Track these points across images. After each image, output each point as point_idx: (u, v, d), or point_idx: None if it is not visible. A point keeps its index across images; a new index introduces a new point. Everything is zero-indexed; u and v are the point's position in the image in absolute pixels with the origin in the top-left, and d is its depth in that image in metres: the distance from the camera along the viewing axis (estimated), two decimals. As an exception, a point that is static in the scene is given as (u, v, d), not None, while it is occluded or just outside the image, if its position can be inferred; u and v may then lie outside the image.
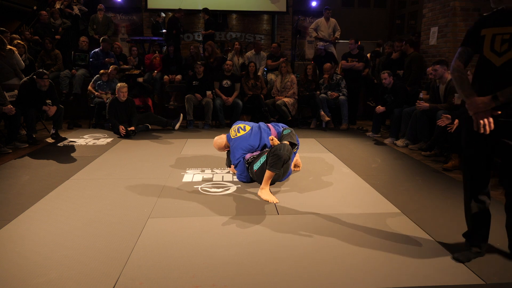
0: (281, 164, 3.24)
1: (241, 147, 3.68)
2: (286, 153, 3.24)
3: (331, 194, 3.39)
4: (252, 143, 3.68)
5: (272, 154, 3.28)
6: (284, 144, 3.30)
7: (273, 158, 3.24)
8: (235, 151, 3.72)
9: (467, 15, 6.12)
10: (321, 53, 7.54)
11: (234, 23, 11.31)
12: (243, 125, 3.84)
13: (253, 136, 3.71)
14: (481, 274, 2.12)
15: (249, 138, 3.69)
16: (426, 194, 3.44)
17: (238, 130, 3.78)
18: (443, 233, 2.62)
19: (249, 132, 3.74)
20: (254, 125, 3.85)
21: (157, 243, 2.43)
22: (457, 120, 4.07)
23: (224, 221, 2.78)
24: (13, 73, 5.63)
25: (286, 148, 3.26)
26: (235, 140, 3.74)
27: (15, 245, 2.39)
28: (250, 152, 3.67)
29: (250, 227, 2.70)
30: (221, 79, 6.80)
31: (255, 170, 3.49)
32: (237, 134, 3.75)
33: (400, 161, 4.60)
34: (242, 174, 3.67)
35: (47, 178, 3.72)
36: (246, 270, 2.14)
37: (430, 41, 6.68)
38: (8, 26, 8.49)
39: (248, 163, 3.59)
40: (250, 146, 3.67)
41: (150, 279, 2.04)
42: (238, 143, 3.70)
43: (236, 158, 3.70)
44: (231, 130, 3.85)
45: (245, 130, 3.76)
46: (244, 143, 3.68)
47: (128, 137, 5.71)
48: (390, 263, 2.23)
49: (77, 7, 8.94)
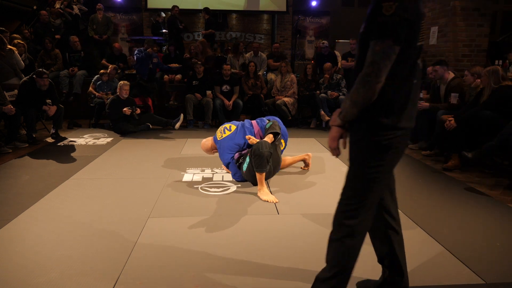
0: (265, 162, 3.26)
1: (228, 147, 3.66)
2: (266, 150, 3.26)
3: (331, 194, 3.39)
4: (237, 142, 3.65)
5: (253, 155, 3.30)
6: (262, 142, 3.32)
7: (256, 159, 3.27)
8: (223, 152, 3.71)
9: (467, 15, 6.12)
10: (324, 51, 7.52)
11: (234, 23, 11.31)
12: (229, 125, 3.80)
13: (238, 135, 3.68)
14: (481, 274, 2.12)
15: (235, 137, 3.67)
16: (426, 194, 3.44)
17: (223, 131, 3.75)
18: (443, 232, 2.62)
19: (234, 132, 3.70)
20: (239, 124, 3.81)
21: (157, 243, 2.43)
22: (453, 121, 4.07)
23: (224, 221, 2.78)
24: (13, 73, 5.63)
25: (265, 145, 3.28)
26: (221, 142, 3.71)
27: (15, 245, 2.39)
28: (238, 152, 3.66)
29: (250, 227, 2.70)
30: (220, 84, 6.79)
31: (244, 171, 3.52)
32: (223, 135, 3.72)
33: (400, 160, 4.58)
34: (236, 174, 3.69)
35: (47, 178, 3.72)
36: (246, 270, 2.14)
37: (430, 40, 6.68)
38: (8, 26, 8.48)
39: (239, 163, 3.60)
40: (236, 146, 3.65)
41: (150, 279, 2.04)
42: (224, 144, 3.69)
43: (225, 159, 3.71)
44: (217, 131, 3.82)
45: (231, 130, 3.73)
46: (230, 143, 3.66)
47: (132, 119, 5.91)
48: (390, 263, 2.22)
49: (77, 7, 8.93)
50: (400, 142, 1.56)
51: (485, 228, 2.73)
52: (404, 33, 1.40)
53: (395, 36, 1.38)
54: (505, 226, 2.76)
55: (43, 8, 8.53)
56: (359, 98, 1.46)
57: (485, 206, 3.14)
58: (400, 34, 1.39)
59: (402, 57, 1.44)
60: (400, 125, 1.52)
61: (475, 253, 2.36)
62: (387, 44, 1.39)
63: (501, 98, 3.89)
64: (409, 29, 1.41)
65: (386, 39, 1.39)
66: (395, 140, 1.53)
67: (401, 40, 1.40)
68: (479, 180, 3.84)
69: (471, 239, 2.56)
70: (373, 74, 1.41)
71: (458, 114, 4.14)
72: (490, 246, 2.46)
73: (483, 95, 4.05)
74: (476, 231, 2.69)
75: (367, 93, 1.44)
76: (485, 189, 3.56)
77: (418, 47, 1.51)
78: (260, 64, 7.62)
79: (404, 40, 1.41)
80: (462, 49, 6.23)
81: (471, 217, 2.94)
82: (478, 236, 2.61)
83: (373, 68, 1.41)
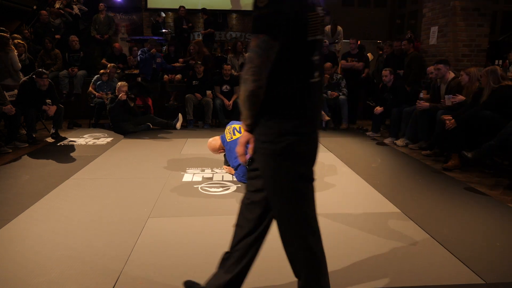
0: None
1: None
2: None
3: (331, 194, 3.39)
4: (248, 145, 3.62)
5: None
6: None
7: None
8: (232, 154, 3.66)
9: (467, 15, 6.12)
10: (326, 50, 7.51)
11: (234, 23, 11.30)
12: (239, 126, 3.74)
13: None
14: (481, 274, 2.11)
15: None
16: (426, 194, 3.43)
17: (233, 132, 3.70)
18: (443, 232, 2.62)
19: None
20: None
21: (157, 242, 2.43)
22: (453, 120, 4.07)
23: (224, 221, 2.78)
24: (8, 73, 5.53)
25: None
26: (230, 144, 3.66)
27: (15, 245, 2.39)
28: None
29: (250, 226, 2.69)
30: (221, 84, 6.79)
31: None
32: (233, 137, 3.66)
33: (400, 160, 4.60)
34: (244, 175, 3.60)
35: (47, 178, 3.72)
36: (246, 270, 2.13)
37: (430, 40, 6.68)
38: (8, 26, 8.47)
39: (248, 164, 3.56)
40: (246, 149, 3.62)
41: (150, 279, 2.04)
42: (234, 146, 3.63)
43: (235, 161, 3.64)
44: (226, 132, 3.76)
45: (241, 132, 3.68)
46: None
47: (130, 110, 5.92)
48: (390, 263, 2.23)
49: (77, 7, 8.93)
50: (301, 147, 1.41)
51: (485, 228, 2.73)
52: (282, 27, 1.26)
53: (269, 30, 1.26)
54: (505, 226, 2.76)
55: (43, 8, 8.53)
56: (242, 98, 1.36)
57: (485, 206, 3.14)
58: (275, 28, 1.26)
59: (288, 54, 1.32)
60: (298, 130, 1.38)
61: (475, 253, 2.36)
62: (261, 39, 1.27)
63: (501, 98, 3.89)
64: (290, 22, 1.27)
65: (260, 34, 1.27)
66: (293, 145, 1.38)
67: (278, 35, 1.27)
68: (479, 180, 3.84)
69: (471, 239, 2.56)
70: (249, 72, 1.29)
71: (458, 114, 4.14)
72: (490, 246, 2.46)
73: (483, 95, 4.05)
74: (476, 231, 2.69)
75: (248, 92, 1.33)
76: (485, 189, 3.56)
77: (311, 42, 1.35)
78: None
79: (288, 34, 1.28)
80: (462, 49, 6.23)
81: (471, 217, 2.94)
82: (478, 236, 2.61)
83: (250, 64, 1.29)
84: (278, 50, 1.30)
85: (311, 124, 1.42)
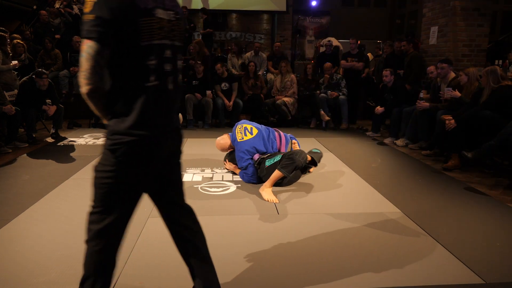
0: (292, 168, 3.23)
1: (248, 150, 3.59)
2: (301, 160, 3.25)
3: (331, 194, 3.39)
4: (260, 149, 3.63)
5: (287, 156, 3.28)
6: (301, 152, 3.31)
7: (287, 161, 3.25)
8: (241, 154, 3.62)
9: (467, 15, 6.13)
10: (328, 50, 7.51)
11: (234, 23, 11.30)
12: (250, 126, 3.72)
13: (259, 141, 3.64)
14: (481, 274, 2.11)
15: (256, 143, 3.62)
16: (426, 194, 3.44)
17: (245, 133, 3.67)
18: (443, 232, 2.62)
19: (257, 137, 3.66)
20: (261, 129, 3.75)
21: (157, 242, 2.43)
22: (453, 120, 4.07)
23: (224, 221, 2.78)
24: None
25: (302, 156, 3.27)
26: (241, 144, 3.63)
27: (15, 245, 2.39)
28: (258, 154, 3.63)
29: (250, 227, 2.70)
30: (219, 82, 6.80)
31: (266, 166, 3.45)
32: (244, 138, 3.63)
33: (400, 160, 4.60)
34: (252, 176, 3.59)
35: (47, 178, 3.72)
36: (246, 270, 2.14)
37: (430, 40, 6.68)
38: (8, 26, 8.48)
39: (258, 163, 3.56)
40: (255, 150, 3.61)
41: (150, 279, 2.04)
42: (244, 146, 3.61)
43: (244, 160, 3.60)
44: (237, 132, 3.71)
45: (252, 133, 3.66)
46: (249, 146, 3.60)
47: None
48: (390, 263, 2.23)
49: (77, 7, 8.93)
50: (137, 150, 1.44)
51: (485, 228, 2.73)
52: (106, 33, 1.29)
53: (93, 36, 1.29)
54: (505, 226, 2.76)
55: (43, 8, 8.53)
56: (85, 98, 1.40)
57: (485, 206, 3.14)
58: (101, 34, 1.29)
59: (122, 59, 1.36)
60: (132, 132, 1.40)
61: (475, 253, 2.36)
62: (87, 45, 1.30)
63: (501, 98, 3.90)
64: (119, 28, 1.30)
65: (86, 39, 1.30)
66: (127, 146, 1.41)
67: (104, 40, 1.29)
68: (479, 180, 3.84)
69: (471, 239, 2.56)
70: (81, 76, 1.33)
71: (458, 114, 4.14)
72: (490, 246, 2.46)
73: (483, 95, 4.05)
74: (476, 231, 2.69)
75: (84, 95, 1.37)
76: (485, 189, 3.56)
77: (146, 46, 1.38)
78: (260, 64, 7.62)
79: (118, 40, 1.32)
80: (462, 49, 6.24)
81: (471, 217, 2.94)
82: (478, 236, 2.61)
83: (81, 69, 1.33)
84: (111, 54, 1.34)
85: (148, 127, 1.44)
